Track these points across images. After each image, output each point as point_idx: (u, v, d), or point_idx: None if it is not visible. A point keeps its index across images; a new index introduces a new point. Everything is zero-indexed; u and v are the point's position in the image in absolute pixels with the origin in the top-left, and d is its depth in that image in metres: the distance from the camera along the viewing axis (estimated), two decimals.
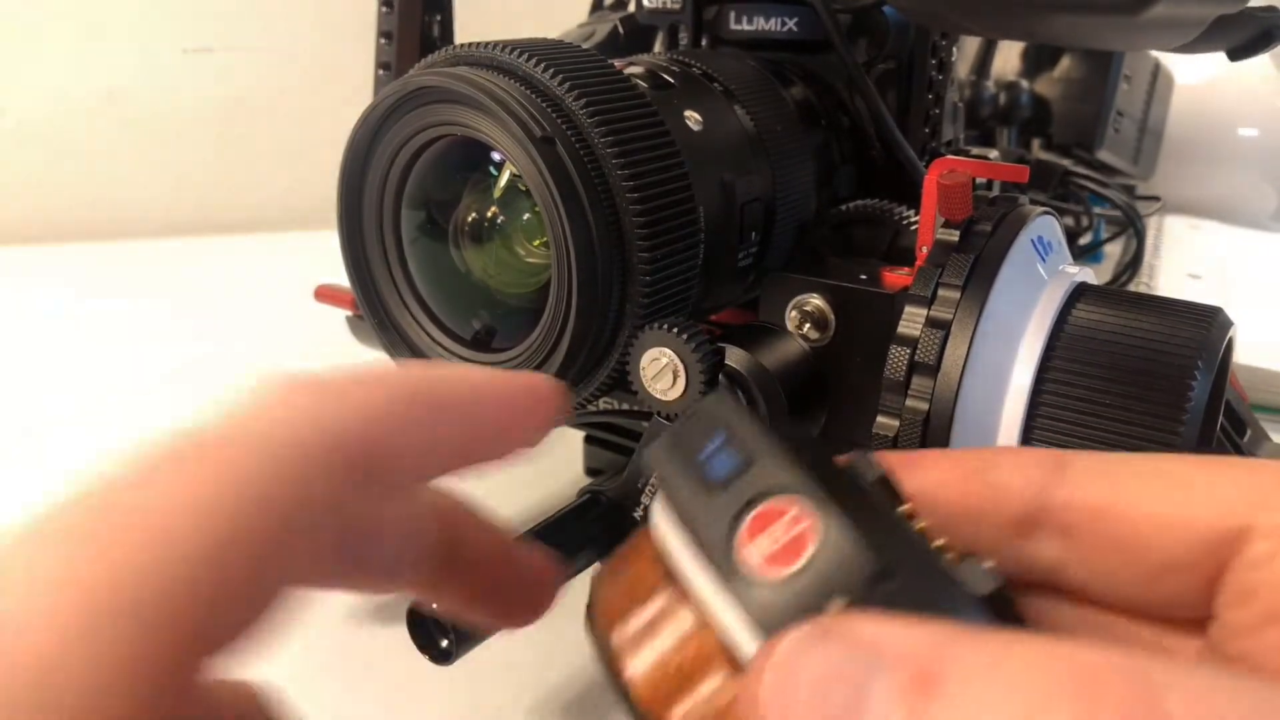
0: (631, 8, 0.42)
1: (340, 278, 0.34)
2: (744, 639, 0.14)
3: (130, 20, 0.66)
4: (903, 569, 0.14)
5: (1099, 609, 0.18)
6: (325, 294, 0.43)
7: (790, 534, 0.14)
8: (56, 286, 0.67)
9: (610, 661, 0.16)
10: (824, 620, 0.13)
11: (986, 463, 0.18)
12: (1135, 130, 0.66)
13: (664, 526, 0.16)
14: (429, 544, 0.18)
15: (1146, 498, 0.16)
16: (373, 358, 0.40)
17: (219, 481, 0.13)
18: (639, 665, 0.15)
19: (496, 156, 0.30)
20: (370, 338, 0.40)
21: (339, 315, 0.43)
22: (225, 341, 0.62)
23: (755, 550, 0.14)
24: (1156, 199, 0.67)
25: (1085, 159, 0.62)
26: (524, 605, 0.20)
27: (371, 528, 0.17)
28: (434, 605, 0.26)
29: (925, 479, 0.18)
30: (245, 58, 0.68)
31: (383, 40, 0.38)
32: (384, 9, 0.38)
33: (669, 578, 0.15)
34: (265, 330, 0.63)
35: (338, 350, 0.43)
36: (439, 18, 0.38)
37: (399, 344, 0.31)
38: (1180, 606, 0.16)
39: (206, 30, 0.67)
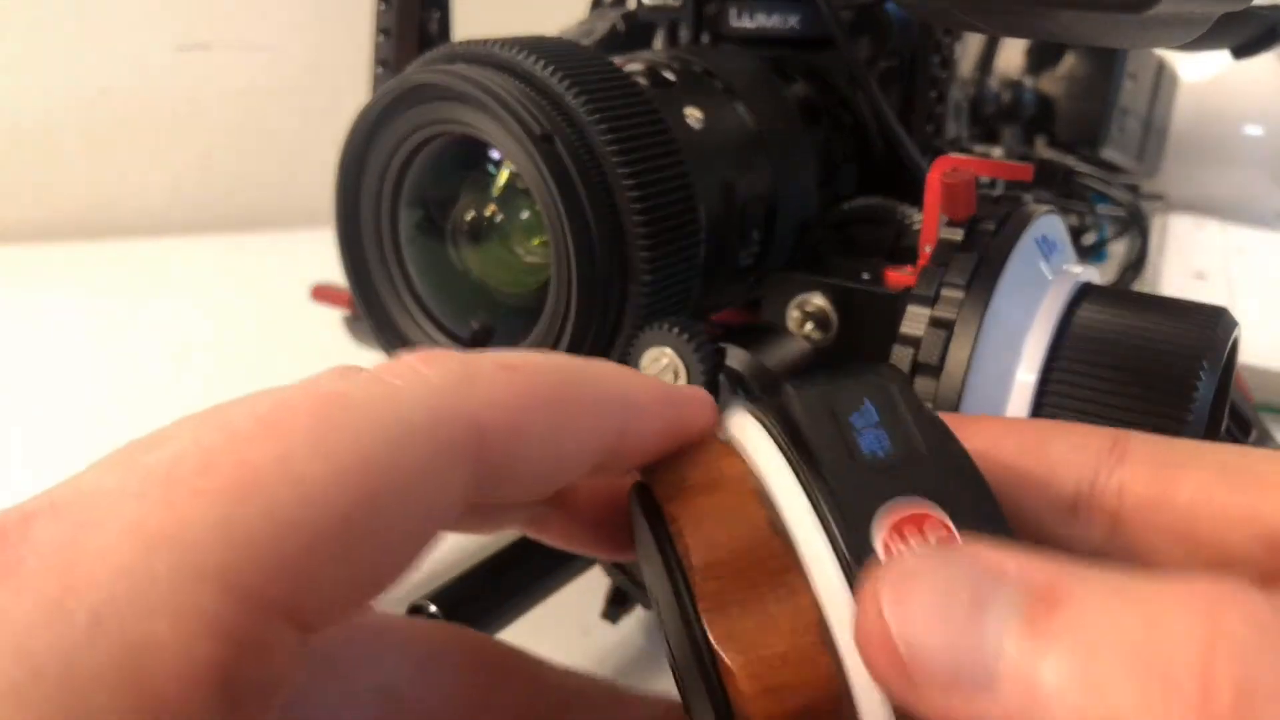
0: (631, 4, 0.42)
1: (337, 277, 0.33)
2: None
3: (124, 18, 0.65)
4: None
5: None
6: (322, 293, 0.43)
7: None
8: (52, 286, 0.67)
9: (689, 593, 0.14)
10: (948, 545, 0.13)
11: (1044, 436, 0.17)
12: (1139, 128, 0.66)
13: (780, 469, 0.15)
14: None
15: (1214, 490, 0.16)
16: (369, 358, 0.40)
17: (316, 445, 0.12)
18: (737, 640, 0.14)
19: (495, 155, 0.30)
20: (367, 337, 0.39)
21: (336, 315, 0.43)
22: (221, 341, 0.62)
23: (893, 546, 0.13)
24: (1161, 197, 0.67)
25: (1089, 157, 0.61)
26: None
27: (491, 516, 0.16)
28: (433, 608, 0.26)
29: (979, 443, 0.17)
30: (241, 55, 0.68)
31: (380, 37, 0.37)
32: (382, 6, 0.38)
33: (777, 532, 0.14)
34: (261, 330, 0.63)
35: (334, 350, 0.43)
36: (437, 14, 0.38)
37: (396, 344, 0.31)
38: None
39: (201, 28, 0.67)
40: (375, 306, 0.31)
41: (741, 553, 0.14)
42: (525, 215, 0.30)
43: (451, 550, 0.32)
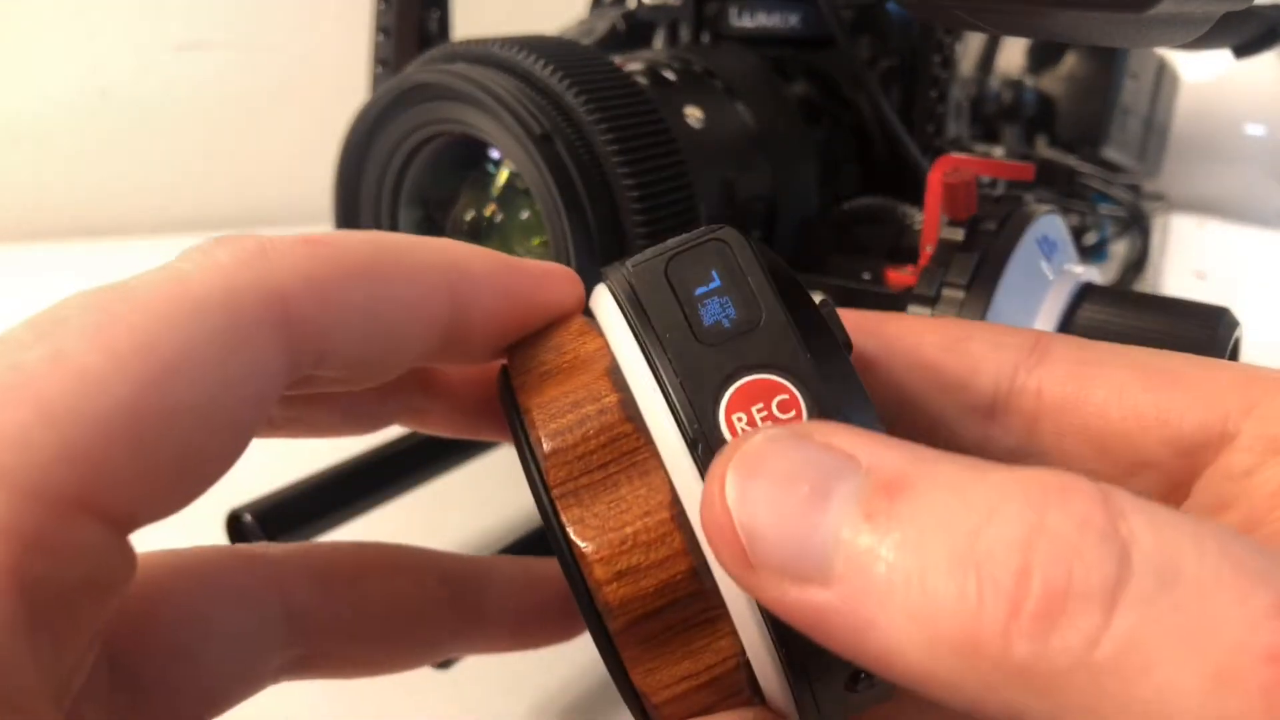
0: (631, 3, 0.42)
1: None
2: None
3: (123, 17, 0.65)
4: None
5: None
6: None
7: (782, 419, 0.13)
8: (50, 285, 0.66)
9: (541, 481, 0.14)
10: (801, 425, 0.13)
11: (966, 332, 0.17)
12: (1141, 128, 0.65)
13: (628, 348, 0.14)
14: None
15: (1127, 389, 0.15)
16: None
17: (91, 339, 0.12)
18: (589, 526, 0.14)
19: (495, 154, 0.30)
20: None
21: None
22: None
23: (738, 423, 0.13)
24: (1162, 197, 0.67)
25: (1090, 157, 0.61)
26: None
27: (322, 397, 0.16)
28: (248, 517, 0.26)
29: (901, 341, 0.17)
30: (240, 54, 0.68)
31: (380, 36, 0.37)
32: (381, 5, 0.37)
33: (629, 415, 0.14)
34: None
35: None
36: (437, 13, 0.38)
37: None
38: None
39: (201, 27, 0.67)
40: None
41: (591, 436, 0.14)
42: (525, 215, 0.30)
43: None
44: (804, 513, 0.11)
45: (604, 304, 0.15)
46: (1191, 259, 0.64)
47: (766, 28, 0.38)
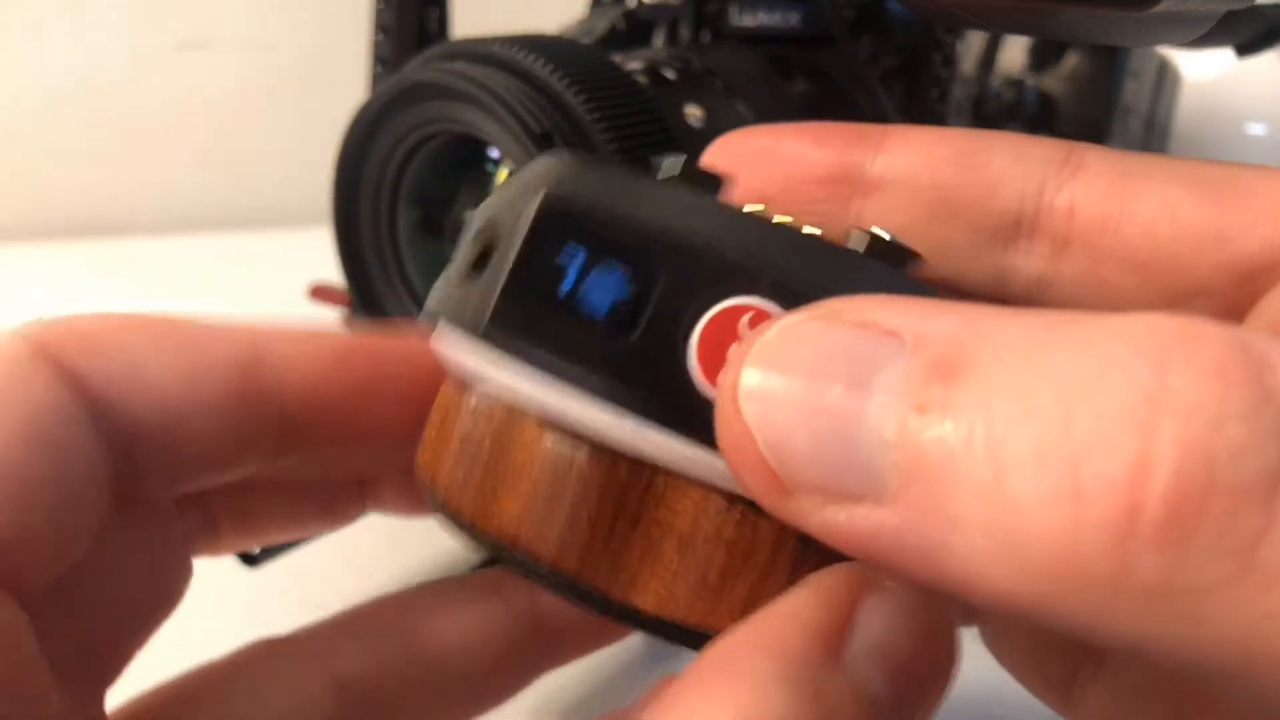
0: (631, 2, 0.42)
1: (335, 276, 0.33)
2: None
3: (123, 17, 0.65)
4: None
5: None
6: (320, 293, 0.43)
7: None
8: (49, 285, 0.66)
9: (586, 585, 0.12)
10: (826, 303, 0.10)
11: (985, 144, 0.14)
12: (1142, 127, 0.65)
13: (549, 395, 0.11)
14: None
15: (1181, 204, 0.13)
16: None
17: None
18: (651, 592, 0.12)
19: (494, 154, 0.30)
20: None
21: (334, 315, 0.42)
22: None
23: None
24: None
25: None
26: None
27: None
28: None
29: (906, 157, 0.14)
30: (239, 53, 0.68)
31: (379, 35, 0.37)
32: (380, 3, 0.37)
33: (608, 460, 0.11)
34: None
35: None
36: (436, 12, 0.37)
37: None
38: None
39: (199, 26, 0.67)
40: (373, 306, 0.31)
41: (600, 515, 0.12)
42: None
43: None
44: (841, 414, 0.09)
45: (488, 371, 0.12)
46: None
47: (767, 26, 0.37)
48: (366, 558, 0.33)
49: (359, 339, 0.15)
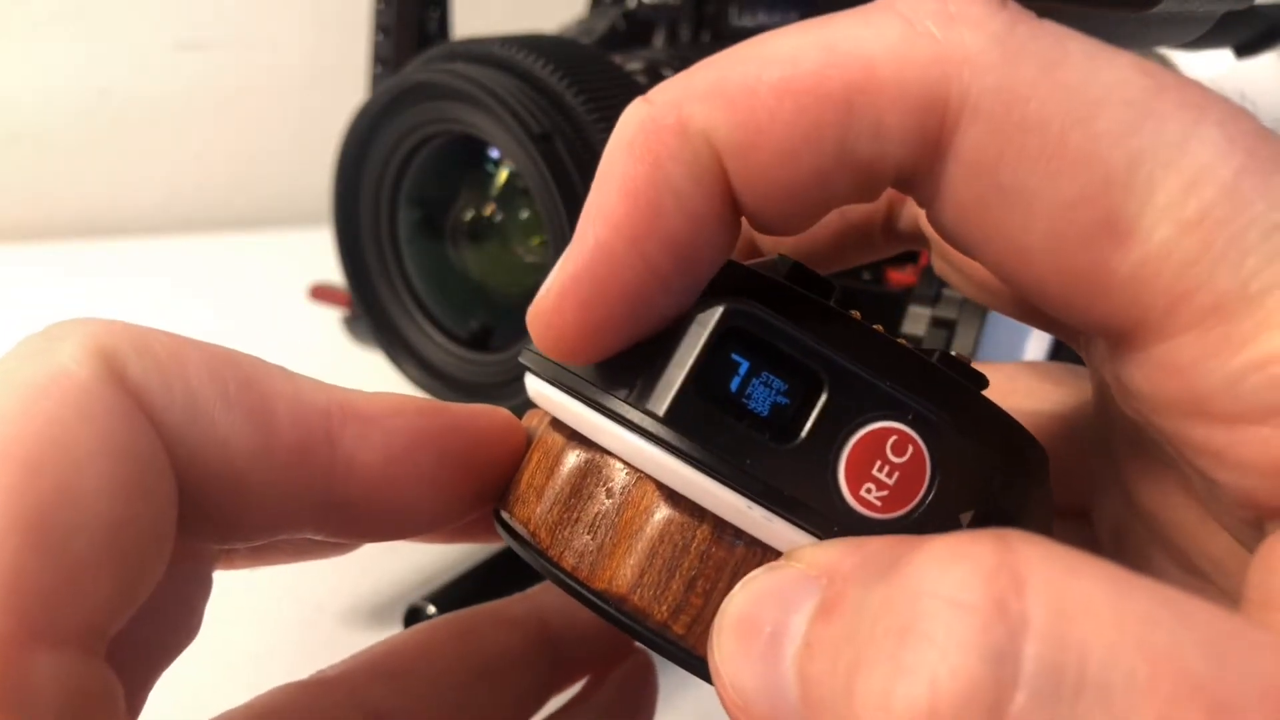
0: (631, 3, 0.42)
1: (336, 276, 0.33)
2: None
3: (123, 17, 0.65)
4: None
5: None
6: (320, 293, 0.43)
7: (901, 462, 0.12)
8: (49, 285, 0.66)
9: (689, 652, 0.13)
10: (781, 558, 0.12)
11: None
12: None
13: (715, 491, 0.12)
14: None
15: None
16: (368, 358, 0.40)
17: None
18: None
19: (494, 154, 0.30)
20: (366, 337, 0.39)
21: (334, 314, 0.42)
22: (219, 340, 0.61)
23: (869, 495, 0.12)
24: None
25: None
26: None
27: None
28: (431, 609, 0.26)
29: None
30: (239, 54, 0.68)
31: (379, 35, 0.37)
32: (381, 4, 0.37)
33: (736, 541, 0.12)
34: (259, 330, 0.63)
35: (333, 350, 0.42)
36: (436, 13, 0.37)
37: (395, 343, 0.31)
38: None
39: (200, 26, 0.67)
40: (374, 306, 0.31)
41: (713, 589, 0.13)
42: (524, 215, 0.30)
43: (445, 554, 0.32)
44: (767, 658, 0.10)
45: (669, 467, 0.13)
46: None
47: (767, 27, 0.37)
48: (367, 557, 0.33)
49: (438, 418, 0.15)
